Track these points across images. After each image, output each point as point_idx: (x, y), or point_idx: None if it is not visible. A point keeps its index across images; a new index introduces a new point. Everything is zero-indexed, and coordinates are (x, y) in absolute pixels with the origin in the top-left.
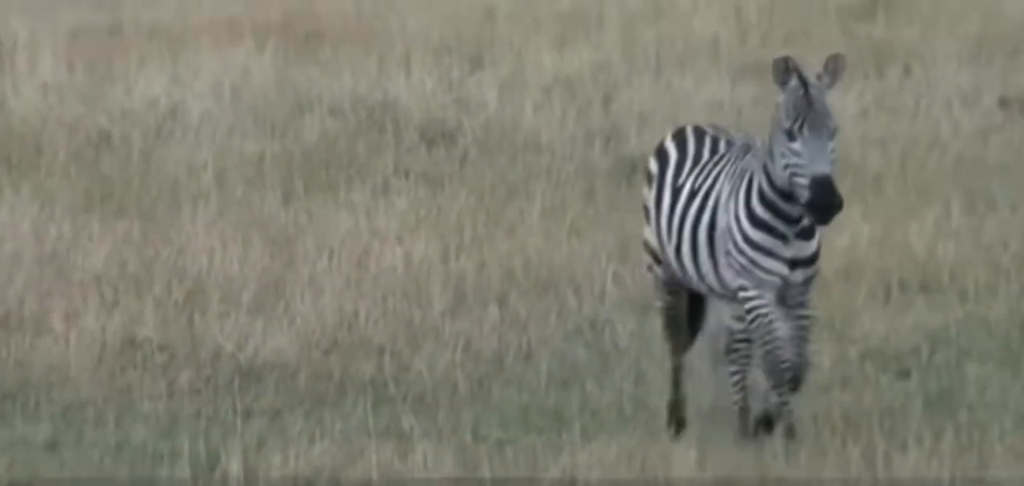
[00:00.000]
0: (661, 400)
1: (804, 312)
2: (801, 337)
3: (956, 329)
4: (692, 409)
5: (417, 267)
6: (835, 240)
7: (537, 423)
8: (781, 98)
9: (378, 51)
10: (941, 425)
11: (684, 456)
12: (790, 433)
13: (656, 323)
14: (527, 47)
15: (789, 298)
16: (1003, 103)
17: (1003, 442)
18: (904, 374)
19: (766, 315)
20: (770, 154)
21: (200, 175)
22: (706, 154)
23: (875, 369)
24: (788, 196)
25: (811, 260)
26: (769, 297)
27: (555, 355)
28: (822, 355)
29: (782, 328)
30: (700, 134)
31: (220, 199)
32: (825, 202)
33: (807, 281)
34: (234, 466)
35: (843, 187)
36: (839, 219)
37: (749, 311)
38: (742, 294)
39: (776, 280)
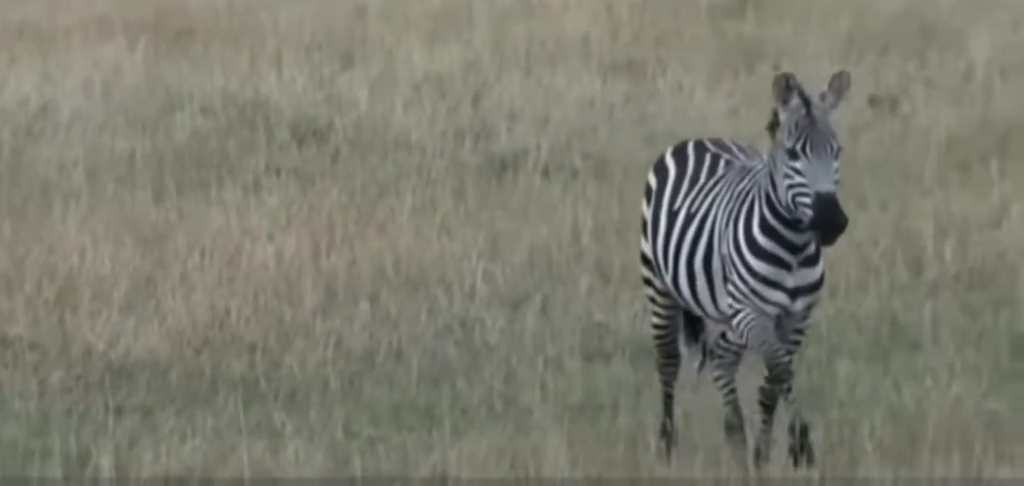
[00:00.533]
0: (531, 396)
1: (800, 335)
2: (790, 347)
3: (826, 326)
4: (559, 403)
5: (288, 265)
6: None
7: (408, 420)
8: (783, 117)
9: (249, 48)
10: (812, 422)
11: (555, 453)
12: (803, 432)
13: (526, 320)
14: (398, 45)
15: (787, 326)
16: (873, 101)
17: (873, 438)
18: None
19: (758, 325)
20: (772, 176)
21: (71, 173)
22: (704, 175)
23: (745, 367)
24: (791, 223)
25: (815, 287)
26: (766, 324)
27: (426, 352)
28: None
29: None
30: (701, 150)
31: (91, 197)
32: (829, 220)
33: (808, 308)
34: (105, 464)
35: None
36: None
37: (740, 327)
38: (737, 317)
39: (776, 310)
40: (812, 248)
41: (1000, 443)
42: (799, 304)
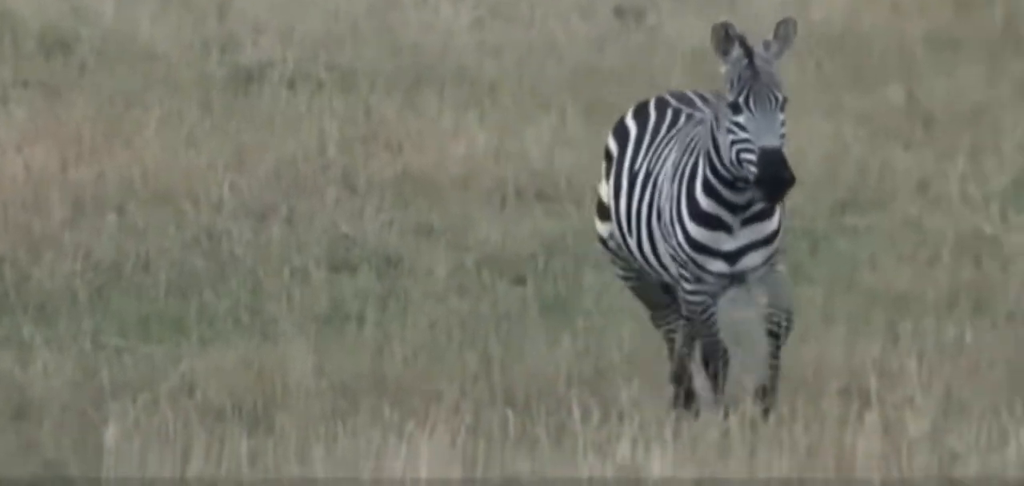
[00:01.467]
0: (277, 307)
1: (772, 270)
2: (775, 288)
3: (573, 237)
4: (306, 314)
5: (36, 177)
6: (451, 148)
7: (156, 331)
8: (724, 69)
9: None
10: (558, 331)
11: (301, 363)
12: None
13: (272, 231)
14: None
15: (750, 281)
16: (618, 12)
17: (621, 349)
18: (520, 281)
19: (704, 310)
20: (713, 133)
21: None
22: (664, 130)
23: (492, 276)
24: (733, 182)
25: (768, 240)
26: (709, 290)
27: (173, 264)
28: (438, 263)
29: (718, 315)
30: (662, 107)
31: None
32: (775, 177)
33: (768, 259)
34: None
35: (458, 96)
36: (455, 126)
37: (686, 303)
38: (683, 284)
39: (716, 280)
40: (759, 205)
41: (744, 350)
42: (751, 260)
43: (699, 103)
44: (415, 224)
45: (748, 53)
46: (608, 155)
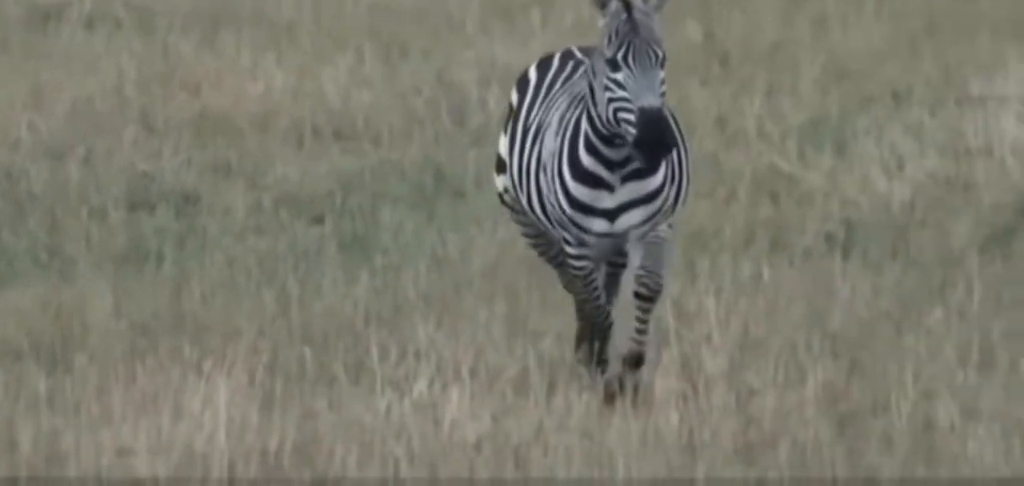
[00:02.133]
0: (76, 247)
1: (656, 234)
2: (652, 251)
3: (370, 175)
4: (104, 253)
5: None
6: (249, 88)
7: None
8: (602, 23)
9: None
10: (356, 269)
11: (100, 301)
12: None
13: (70, 171)
14: None
15: (633, 241)
16: None
17: (417, 285)
18: (318, 219)
19: (586, 274)
20: (592, 89)
21: None
22: (558, 83)
23: (290, 215)
24: (611, 140)
25: (651, 197)
26: (592, 253)
27: None
28: (236, 202)
29: (602, 278)
30: (565, 59)
31: None
32: (655, 139)
33: (651, 219)
34: None
35: (256, 37)
36: (253, 66)
37: (570, 267)
38: (564, 247)
39: (594, 239)
40: (637, 162)
41: (543, 288)
42: (632, 217)
43: None
44: (213, 163)
45: (627, 6)
46: (510, 106)
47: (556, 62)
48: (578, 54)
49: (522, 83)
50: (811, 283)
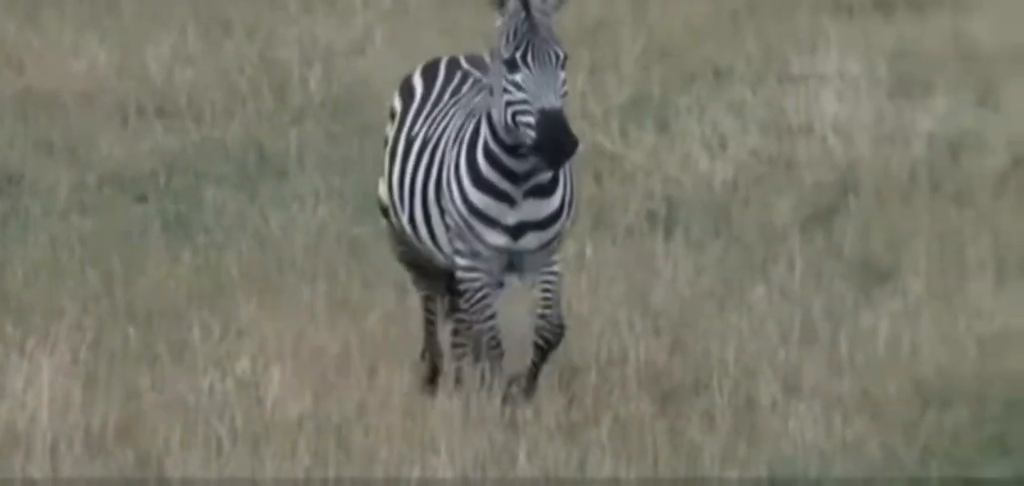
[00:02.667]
0: None
1: (549, 270)
2: (550, 296)
3: (193, 153)
4: None
5: None
6: (72, 66)
7: None
8: (499, 24)
9: None
10: (179, 248)
11: None
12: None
13: None
14: None
15: (526, 266)
16: None
17: (239, 265)
18: (142, 198)
19: (479, 289)
20: (490, 93)
21: None
22: (448, 95)
23: (114, 193)
24: (512, 148)
25: (550, 220)
26: (486, 269)
27: None
28: (59, 181)
29: (498, 303)
30: (452, 70)
31: None
32: (556, 142)
33: (546, 246)
34: None
35: (79, 13)
36: (76, 44)
37: (461, 281)
38: (457, 260)
39: (493, 255)
40: (544, 177)
41: (364, 268)
42: (528, 241)
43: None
44: (36, 141)
45: (525, 5)
46: (392, 114)
47: (442, 72)
48: (465, 64)
49: (406, 90)
50: (634, 261)
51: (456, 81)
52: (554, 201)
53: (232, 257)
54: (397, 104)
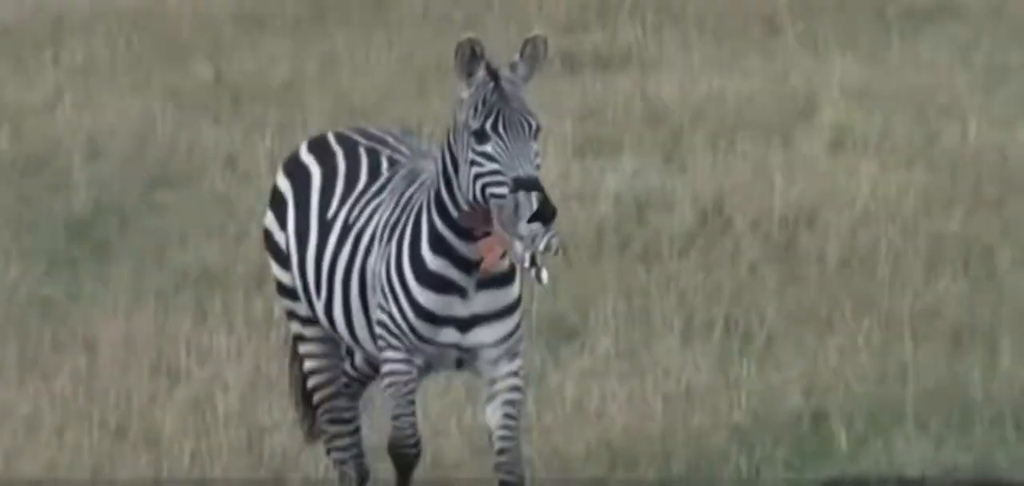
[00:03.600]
0: None
1: (512, 383)
2: (509, 425)
3: None
4: None
5: None
6: None
7: None
8: (465, 94)
9: None
10: None
11: None
12: None
13: None
14: None
15: (486, 368)
16: None
17: None
18: None
19: (407, 381)
20: (445, 172)
21: None
22: (364, 176)
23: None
24: (468, 232)
25: (508, 310)
26: (422, 364)
27: None
28: None
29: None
30: (349, 144)
31: None
32: (538, 211)
33: (506, 340)
34: None
35: None
36: None
37: (390, 373)
38: (388, 355)
39: (438, 352)
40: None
41: (55, 328)
42: (486, 334)
43: (393, 140)
44: None
45: (494, 75)
46: (279, 196)
47: (338, 148)
48: (362, 139)
49: (297, 171)
50: None
51: (365, 158)
52: (512, 291)
53: None
54: (285, 185)
